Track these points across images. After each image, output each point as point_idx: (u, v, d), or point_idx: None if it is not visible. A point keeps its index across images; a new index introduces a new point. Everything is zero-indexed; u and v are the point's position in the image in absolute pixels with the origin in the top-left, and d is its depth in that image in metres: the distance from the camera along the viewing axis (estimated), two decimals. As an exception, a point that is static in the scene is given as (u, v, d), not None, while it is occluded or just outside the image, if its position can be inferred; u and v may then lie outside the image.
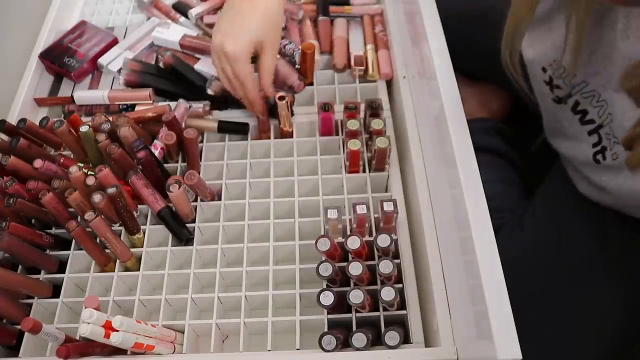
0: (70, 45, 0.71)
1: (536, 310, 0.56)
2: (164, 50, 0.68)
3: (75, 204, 0.51)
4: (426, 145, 0.55)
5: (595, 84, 0.49)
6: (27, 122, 0.59)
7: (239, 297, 0.52)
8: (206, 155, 0.62)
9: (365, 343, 0.45)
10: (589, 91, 0.50)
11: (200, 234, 0.56)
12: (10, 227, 0.50)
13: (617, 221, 0.56)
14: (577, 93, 0.51)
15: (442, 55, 0.50)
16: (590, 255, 0.57)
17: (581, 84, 0.50)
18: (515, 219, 0.63)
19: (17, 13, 0.77)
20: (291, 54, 0.68)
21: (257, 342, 0.52)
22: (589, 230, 0.58)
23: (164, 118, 0.57)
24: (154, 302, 0.52)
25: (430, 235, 0.50)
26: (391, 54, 0.69)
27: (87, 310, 0.44)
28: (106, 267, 0.54)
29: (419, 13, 0.54)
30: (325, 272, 0.47)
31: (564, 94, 0.53)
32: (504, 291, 0.35)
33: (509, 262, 0.38)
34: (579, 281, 0.57)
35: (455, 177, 0.42)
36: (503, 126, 0.77)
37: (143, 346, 0.46)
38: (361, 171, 0.59)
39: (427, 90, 0.53)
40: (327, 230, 0.52)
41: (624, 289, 0.55)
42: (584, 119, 0.52)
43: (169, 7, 0.76)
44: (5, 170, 0.55)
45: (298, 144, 0.62)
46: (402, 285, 0.50)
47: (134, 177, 0.53)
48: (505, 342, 0.33)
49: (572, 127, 0.54)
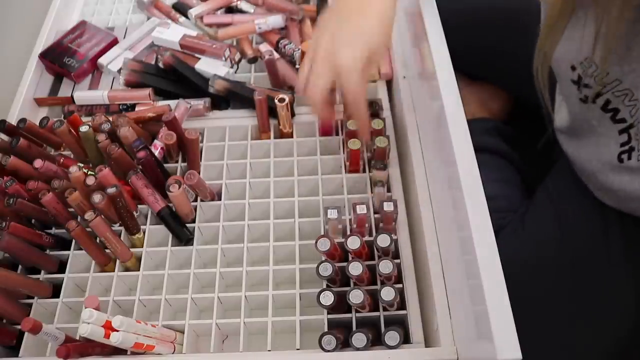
0: (70, 45, 0.71)
1: (537, 310, 0.56)
2: (164, 50, 0.68)
3: (75, 204, 0.51)
4: (426, 145, 0.55)
5: (629, 82, 0.48)
6: (27, 122, 0.59)
7: (239, 297, 0.52)
8: (206, 155, 0.62)
9: (365, 343, 0.45)
10: (622, 89, 0.49)
11: (200, 234, 0.56)
12: (11, 227, 0.50)
13: (619, 220, 0.56)
14: (608, 91, 0.50)
15: (442, 55, 0.50)
16: (592, 255, 0.57)
17: (614, 82, 0.49)
18: (515, 219, 0.63)
19: (17, 13, 0.77)
20: (291, 54, 0.68)
21: (257, 342, 0.51)
22: (591, 229, 0.58)
23: (164, 118, 0.57)
24: (154, 302, 0.52)
25: (430, 235, 0.50)
26: (391, 54, 0.69)
27: (87, 310, 0.44)
28: (106, 267, 0.54)
29: (419, 13, 0.54)
30: (325, 272, 0.47)
31: (593, 92, 0.52)
32: (504, 291, 0.35)
33: (510, 262, 0.38)
34: (581, 281, 0.57)
35: (455, 177, 0.42)
36: (503, 126, 0.77)
37: (143, 346, 0.46)
38: (361, 171, 0.59)
39: (427, 90, 0.53)
40: (327, 230, 0.52)
41: (626, 288, 0.55)
42: (615, 117, 0.51)
43: (169, 7, 0.76)
44: (5, 170, 0.55)
45: (298, 144, 0.62)
46: (402, 285, 0.50)
47: (134, 177, 0.53)
48: (505, 342, 0.33)
49: (602, 126, 0.53)
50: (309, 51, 0.52)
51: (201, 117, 0.65)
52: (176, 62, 0.65)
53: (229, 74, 0.66)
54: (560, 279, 0.57)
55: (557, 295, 0.57)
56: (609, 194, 0.55)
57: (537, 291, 0.57)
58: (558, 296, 0.57)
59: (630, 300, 0.55)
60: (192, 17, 0.73)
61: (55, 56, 0.70)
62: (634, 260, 0.56)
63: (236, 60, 0.68)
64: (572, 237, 0.58)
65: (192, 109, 0.63)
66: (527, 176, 0.71)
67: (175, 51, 0.68)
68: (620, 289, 0.55)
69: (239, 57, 0.68)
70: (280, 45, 0.68)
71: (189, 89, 0.65)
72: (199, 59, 0.67)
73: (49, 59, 0.70)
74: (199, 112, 0.64)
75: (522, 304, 0.38)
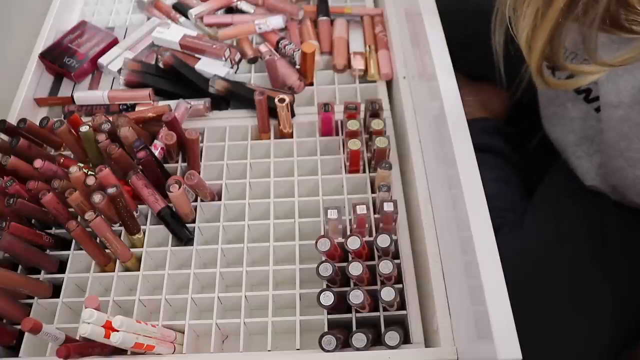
0: (70, 45, 0.71)
1: (536, 310, 0.56)
2: (164, 50, 0.68)
3: (75, 204, 0.51)
4: (426, 145, 0.55)
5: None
6: (27, 122, 0.59)
7: (239, 297, 0.52)
8: (206, 155, 0.62)
9: (365, 343, 0.45)
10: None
11: (200, 234, 0.56)
12: (11, 227, 0.50)
13: (616, 220, 0.56)
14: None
15: (442, 55, 0.50)
16: (590, 255, 0.57)
17: (583, 62, 0.50)
18: (514, 219, 0.63)
19: (17, 13, 0.77)
20: (291, 54, 0.68)
21: (257, 342, 0.51)
22: (589, 229, 0.58)
23: (164, 118, 0.57)
24: (154, 302, 0.52)
25: (430, 235, 0.50)
26: (391, 54, 0.69)
27: (87, 310, 0.44)
28: (106, 267, 0.54)
29: (419, 13, 0.54)
30: (325, 272, 0.47)
31: (566, 75, 0.53)
32: (504, 291, 0.35)
33: (509, 262, 0.38)
34: (579, 280, 0.57)
35: (455, 177, 0.42)
36: (503, 126, 0.77)
37: (143, 346, 0.46)
38: (361, 171, 0.59)
39: (427, 90, 0.53)
40: (327, 231, 0.52)
41: (624, 288, 0.55)
42: (588, 97, 0.53)
43: (169, 7, 0.76)
44: (5, 170, 0.55)
45: (298, 144, 0.62)
46: (402, 286, 0.50)
47: (134, 177, 0.53)
48: (505, 342, 0.33)
49: (576, 107, 0.55)
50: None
51: (201, 117, 0.65)
52: (176, 62, 0.65)
53: (229, 74, 0.66)
54: (556, 279, 0.57)
55: (553, 294, 0.58)
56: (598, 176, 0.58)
57: (535, 291, 0.57)
58: (554, 296, 0.57)
59: (629, 298, 0.55)
60: (192, 17, 0.73)
61: (55, 56, 0.70)
62: (632, 259, 0.56)
63: (236, 61, 0.68)
64: (570, 237, 0.58)
65: (192, 109, 0.63)
66: (527, 176, 0.71)
67: (175, 51, 0.68)
68: (617, 288, 0.56)
69: (239, 57, 0.68)
70: (280, 45, 0.69)
71: (189, 89, 0.65)
72: (199, 59, 0.67)
73: (49, 59, 0.70)
74: (199, 112, 0.64)
75: (520, 304, 0.38)
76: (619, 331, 0.56)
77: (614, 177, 0.54)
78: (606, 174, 0.56)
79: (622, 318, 0.56)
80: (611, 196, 0.57)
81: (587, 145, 0.58)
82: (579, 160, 0.58)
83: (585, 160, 0.58)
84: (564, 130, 0.60)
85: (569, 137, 0.59)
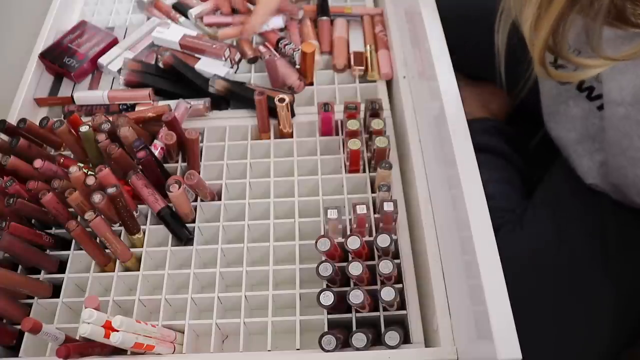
0: (70, 45, 0.71)
1: (536, 310, 0.56)
2: (164, 50, 0.68)
3: (75, 204, 0.51)
4: (426, 145, 0.55)
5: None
6: (27, 122, 0.59)
7: (239, 297, 0.52)
8: (206, 155, 0.62)
9: (365, 343, 0.45)
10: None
11: (200, 234, 0.56)
12: (11, 227, 0.50)
13: (617, 219, 0.56)
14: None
15: (442, 55, 0.50)
16: (590, 254, 0.57)
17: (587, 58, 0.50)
18: (514, 218, 0.63)
19: (17, 13, 0.77)
20: (291, 54, 0.68)
21: (257, 342, 0.51)
22: (589, 229, 0.58)
23: (164, 118, 0.57)
24: (154, 302, 0.52)
25: (430, 235, 0.50)
26: (391, 54, 0.69)
27: (87, 310, 0.44)
28: (106, 267, 0.54)
29: (419, 13, 0.54)
30: (325, 272, 0.47)
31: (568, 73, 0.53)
32: (504, 291, 0.35)
33: (509, 262, 0.38)
34: (579, 280, 0.57)
35: (455, 177, 0.42)
36: (504, 126, 0.77)
37: (143, 346, 0.46)
38: (361, 171, 0.59)
39: (427, 90, 0.53)
40: (327, 231, 0.52)
41: (624, 287, 0.55)
42: (591, 95, 0.53)
43: (169, 7, 0.76)
44: (5, 170, 0.55)
45: (298, 144, 0.62)
46: (402, 285, 0.50)
47: (134, 177, 0.53)
48: (505, 342, 0.33)
49: (579, 105, 0.55)
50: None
51: (201, 117, 0.65)
52: (176, 62, 0.65)
53: (229, 74, 0.66)
54: (556, 279, 0.57)
55: (553, 294, 0.58)
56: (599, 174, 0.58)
57: (535, 290, 0.57)
58: (554, 296, 0.57)
59: (629, 297, 0.55)
60: (192, 17, 0.73)
61: (55, 56, 0.70)
62: (632, 258, 0.56)
63: (236, 60, 0.68)
64: (570, 236, 0.58)
65: (192, 109, 0.63)
66: (527, 176, 0.71)
67: (175, 51, 0.68)
68: (617, 288, 0.56)
69: (239, 57, 0.68)
70: (280, 45, 0.68)
71: (189, 89, 0.65)
72: (199, 59, 0.67)
73: (49, 59, 0.70)
74: (199, 112, 0.64)
75: (520, 303, 0.38)
76: (620, 331, 0.56)
77: (614, 175, 0.54)
78: (607, 173, 0.56)
79: (622, 317, 0.56)
80: (612, 195, 0.57)
81: (588, 143, 0.57)
82: (580, 159, 0.58)
83: (587, 158, 0.58)
84: (565, 128, 0.60)
85: (570, 135, 0.59)
